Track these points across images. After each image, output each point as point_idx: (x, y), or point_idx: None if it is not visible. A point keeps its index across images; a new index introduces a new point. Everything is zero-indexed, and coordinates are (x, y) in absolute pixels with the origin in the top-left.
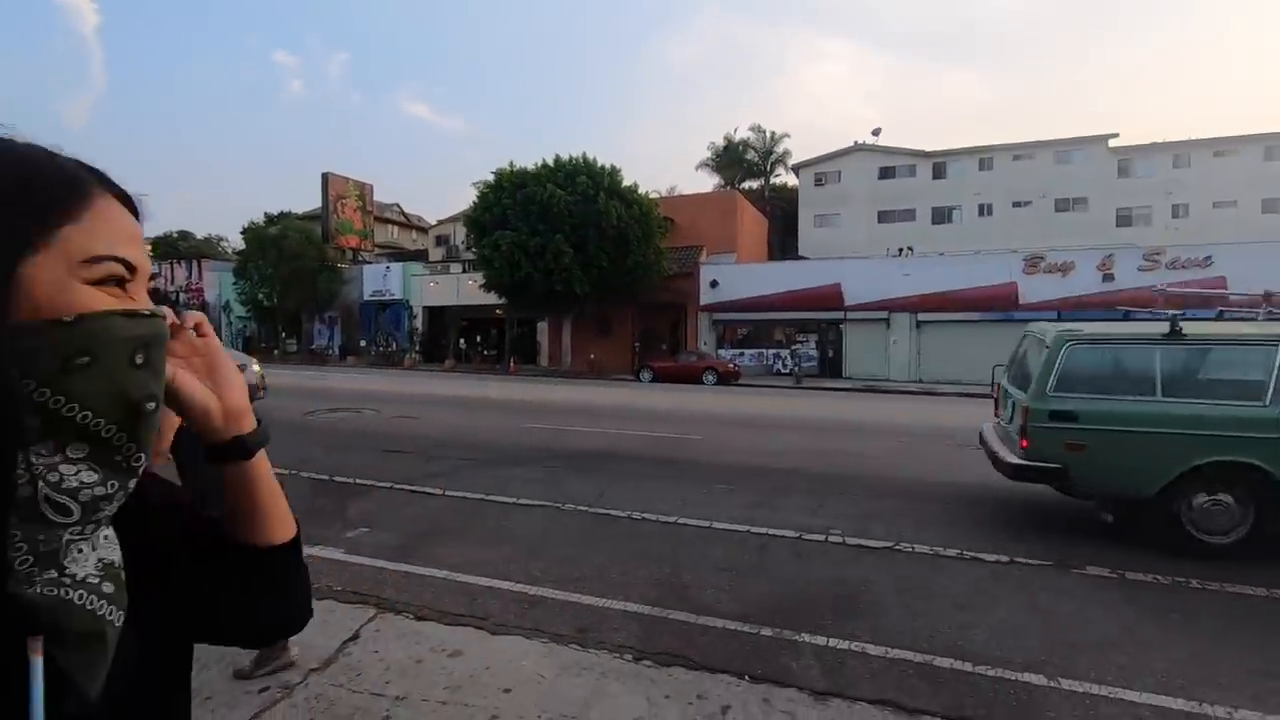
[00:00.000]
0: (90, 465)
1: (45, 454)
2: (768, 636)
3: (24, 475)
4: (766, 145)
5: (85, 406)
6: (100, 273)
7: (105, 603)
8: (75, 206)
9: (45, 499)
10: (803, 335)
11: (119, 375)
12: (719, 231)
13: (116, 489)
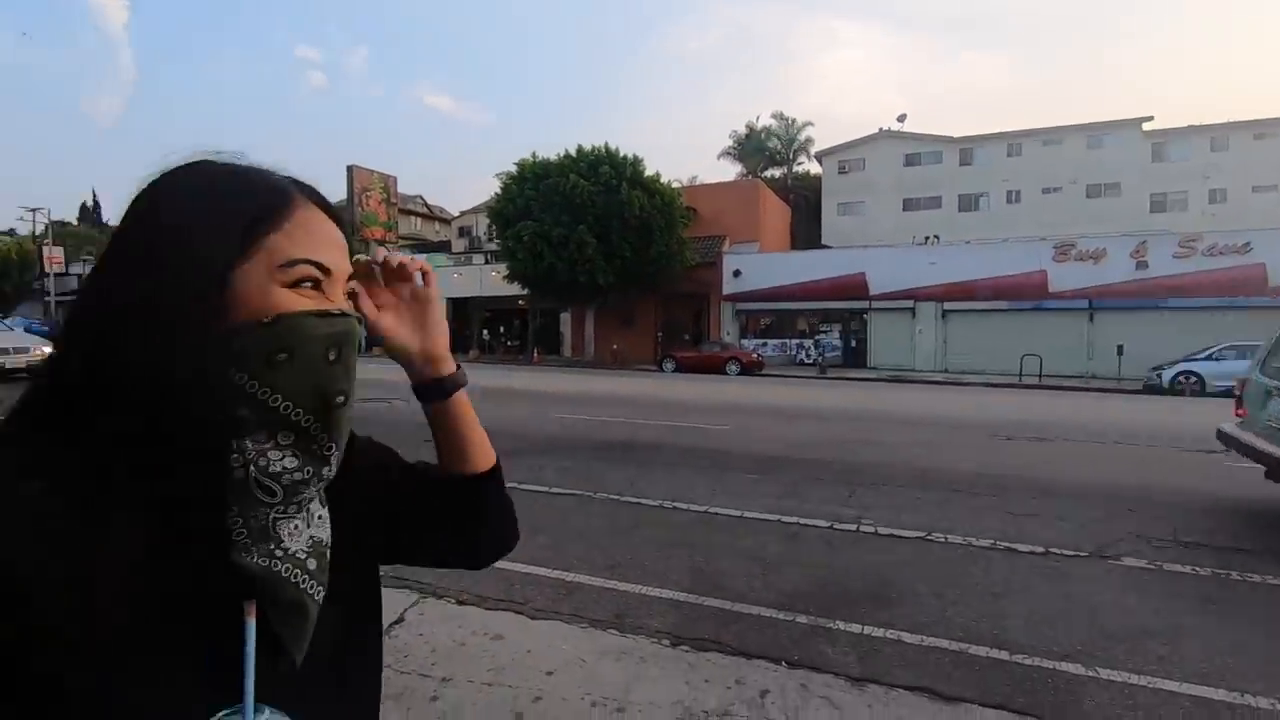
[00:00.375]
0: (292, 452)
1: (257, 441)
2: (803, 624)
3: (239, 460)
4: (789, 133)
5: (287, 398)
6: (295, 275)
7: (308, 578)
8: (278, 217)
9: (255, 481)
10: (826, 325)
11: (314, 370)
12: (742, 221)
13: (311, 475)
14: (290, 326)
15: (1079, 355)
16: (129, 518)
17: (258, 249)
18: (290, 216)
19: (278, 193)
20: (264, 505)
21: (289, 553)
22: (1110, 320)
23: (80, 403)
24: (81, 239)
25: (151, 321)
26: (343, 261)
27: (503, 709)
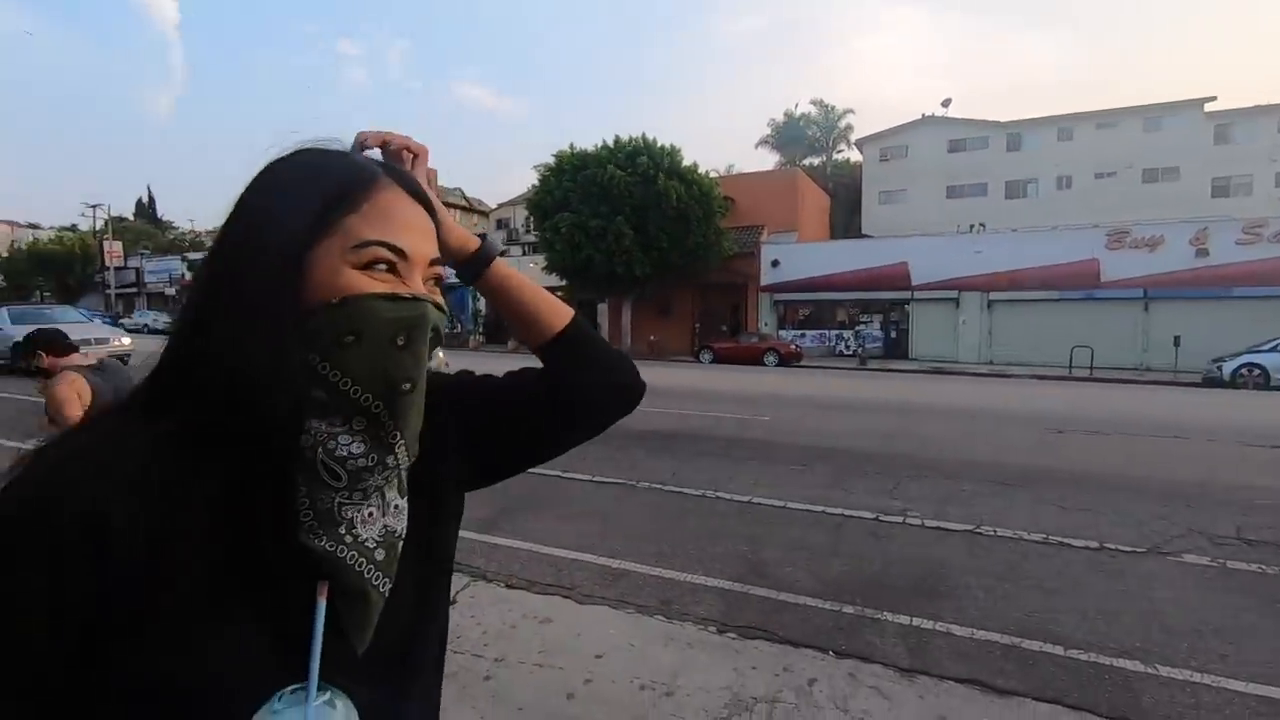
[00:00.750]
0: (362, 438)
1: (331, 424)
2: (849, 614)
3: (309, 440)
4: (829, 120)
5: (356, 382)
6: (367, 257)
7: (374, 568)
8: (356, 199)
9: (322, 463)
10: (866, 316)
11: (381, 355)
12: (780, 210)
13: (376, 462)
14: (358, 308)
15: (1132, 347)
16: (207, 489)
17: (334, 230)
18: (369, 199)
19: (358, 175)
20: (329, 489)
21: (359, 540)
22: (1167, 310)
23: (174, 380)
24: (138, 233)
25: (232, 301)
26: (424, 246)
27: (554, 689)
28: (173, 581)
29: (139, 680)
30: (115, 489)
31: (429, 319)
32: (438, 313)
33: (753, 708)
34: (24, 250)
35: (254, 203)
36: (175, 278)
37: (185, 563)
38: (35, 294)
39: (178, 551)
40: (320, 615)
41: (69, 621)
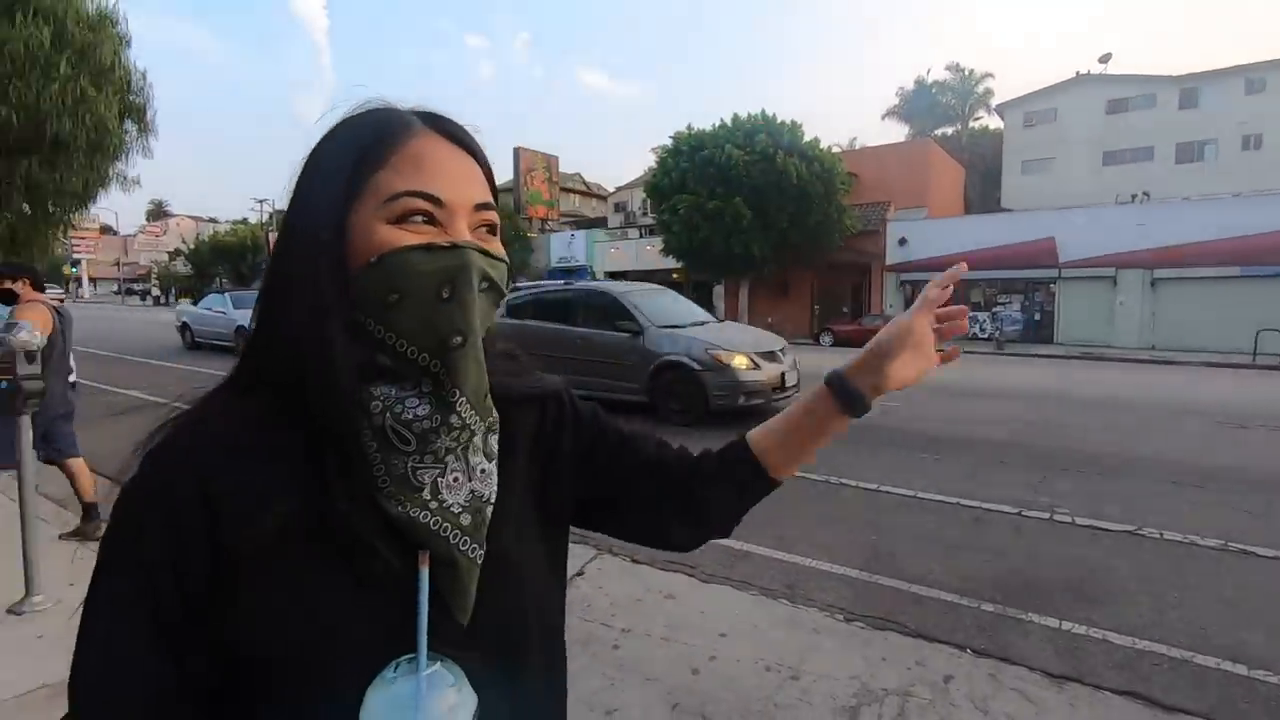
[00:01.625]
0: (426, 400)
1: (401, 388)
2: (989, 612)
3: (379, 405)
4: (965, 86)
5: (410, 341)
6: (399, 209)
7: (460, 533)
8: (387, 153)
9: (391, 429)
10: (1005, 296)
11: (427, 310)
12: (908, 184)
13: (440, 423)
14: (394, 265)
15: None
16: (293, 458)
17: (367, 189)
18: (401, 149)
19: (388, 128)
20: (401, 453)
21: (444, 505)
22: None
23: (255, 355)
24: None
25: (281, 273)
26: (465, 191)
27: (679, 663)
28: (270, 544)
29: (248, 644)
30: (219, 458)
31: (472, 267)
32: (487, 259)
33: (883, 699)
34: (206, 242)
35: (301, 178)
36: None
37: (281, 528)
38: (215, 280)
39: (272, 516)
40: (424, 585)
41: (190, 573)
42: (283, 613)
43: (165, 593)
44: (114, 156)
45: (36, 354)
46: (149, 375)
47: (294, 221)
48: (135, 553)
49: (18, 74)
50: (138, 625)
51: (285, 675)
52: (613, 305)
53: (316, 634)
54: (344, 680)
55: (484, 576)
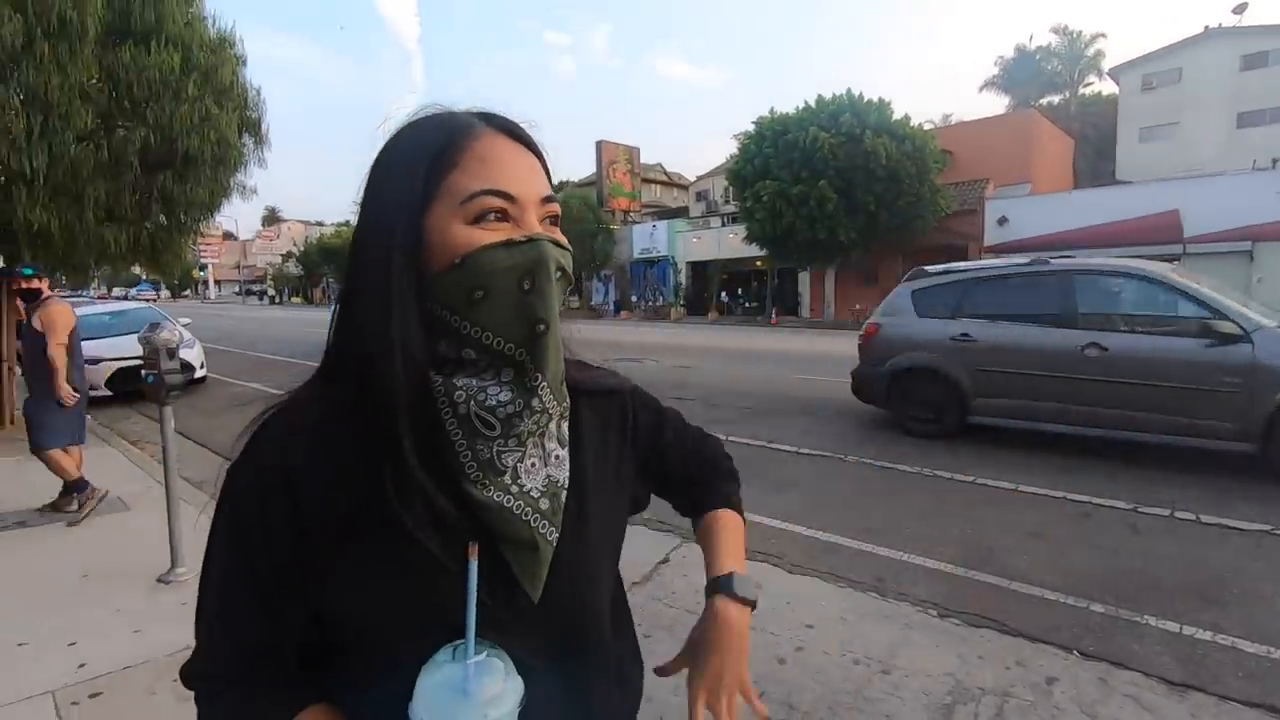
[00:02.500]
0: (509, 386)
1: (482, 378)
2: (1099, 613)
3: (462, 395)
4: (1074, 50)
5: (497, 334)
6: (475, 209)
7: (539, 517)
8: (455, 154)
9: (475, 415)
10: None
11: (511, 303)
12: (1009, 160)
13: (523, 407)
14: (477, 264)
15: None
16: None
17: (441, 191)
18: (468, 150)
19: (454, 131)
20: (486, 438)
21: (524, 490)
22: None
23: (336, 347)
24: None
25: (357, 272)
26: (532, 186)
27: (765, 653)
28: (343, 524)
29: (325, 613)
30: (301, 445)
31: (548, 258)
32: (558, 250)
33: (980, 699)
34: (314, 245)
35: (371, 181)
36: None
37: (352, 511)
38: (323, 280)
39: (347, 499)
40: (472, 575)
41: (277, 544)
42: (351, 588)
43: (257, 560)
44: (235, 168)
45: (177, 350)
46: (275, 371)
47: (369, 223)
48: (233, 525)
49: (154, 98)
50: (237, 586)
51: (353, 646)
52: (1166, 294)
53: (380, 611)
54: (404, 656)
55: (553, 561)
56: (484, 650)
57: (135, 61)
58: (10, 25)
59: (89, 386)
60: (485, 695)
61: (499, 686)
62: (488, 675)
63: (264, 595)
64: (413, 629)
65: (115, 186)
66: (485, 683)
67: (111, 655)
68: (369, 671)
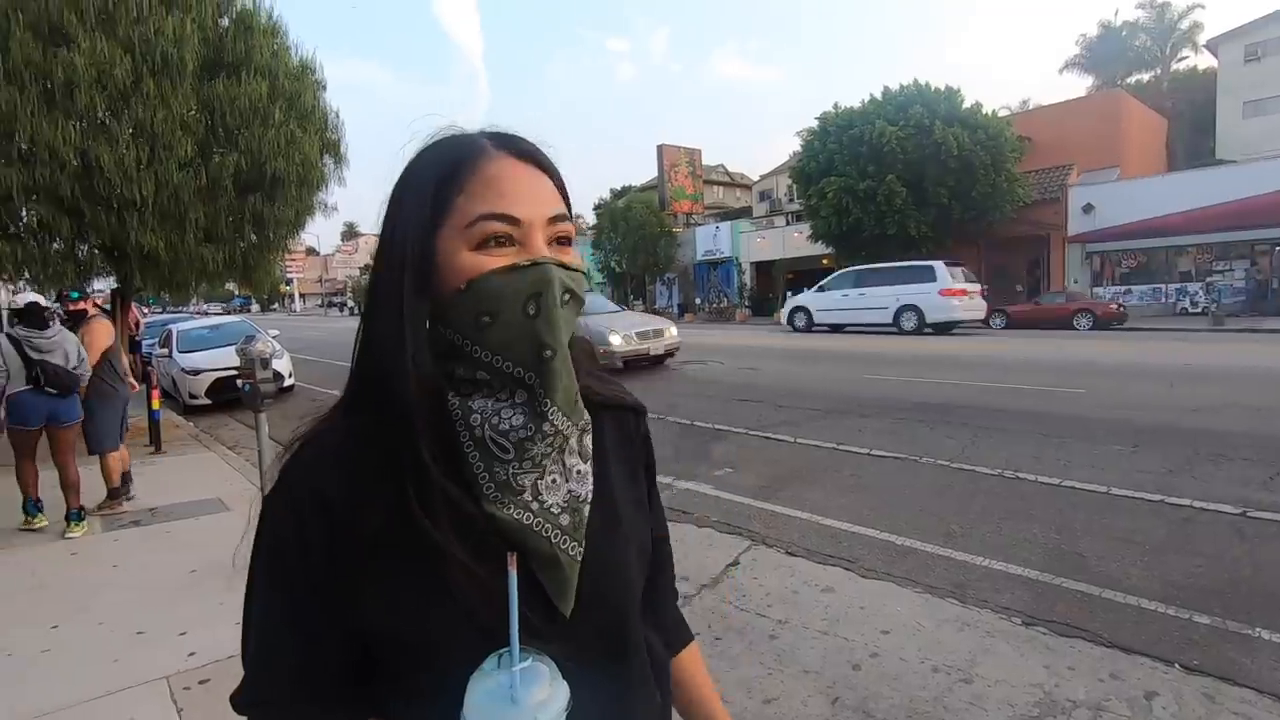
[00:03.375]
0: (520, 410)
1: (498, 400)
2: (1203, 624)
3: (478, 418)
4: (1164, 24)
5: (506, 358)
6: (479, 234)
7: (560, 533)
8: (462, 179)
9: (490, 439)
10: (1223, 263)
11: (516, 327)
12: (1095, 144)
13: (534, 431)
14: (481, 290)
15: None
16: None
17: (448, 215)
18: (475, 173)
19: (462, 154)
20: (501, 461)
21: (544, 506)
22: None
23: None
24: None
25: (372, 296)
26: (539, 208)
27: (838, 657)
28: (373, 545)
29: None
30: (330, 470)
31: (553, 281)
32: (566, 272)
33: (1071, 712)
34: None
35: (389, 204)
36: None
37: (385, 530)
38: None
39: (377, 520)
40: (513, 584)
41: (313, 565)
42: (387, 606)
43: (296, 585)
44: (317, 188)
45: (270, 361)
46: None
47: (384, 246)
48: (271, 553)
49: (244, 125)
50: (278, 612)
51: (397, 662)
52: None
53: (418, 627)
54: (448, 669)
55: (583, 573)
56: (529, 657)
57: (228, 92)
58: (121, 66)
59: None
60: (533, 700)
61: (546, 692)
62: (534, 682)
63: (305, 619)
64: (452, 642)
65: (212, 209)
66: (533, 689)
67: (217, 645)
68: (416, 685)
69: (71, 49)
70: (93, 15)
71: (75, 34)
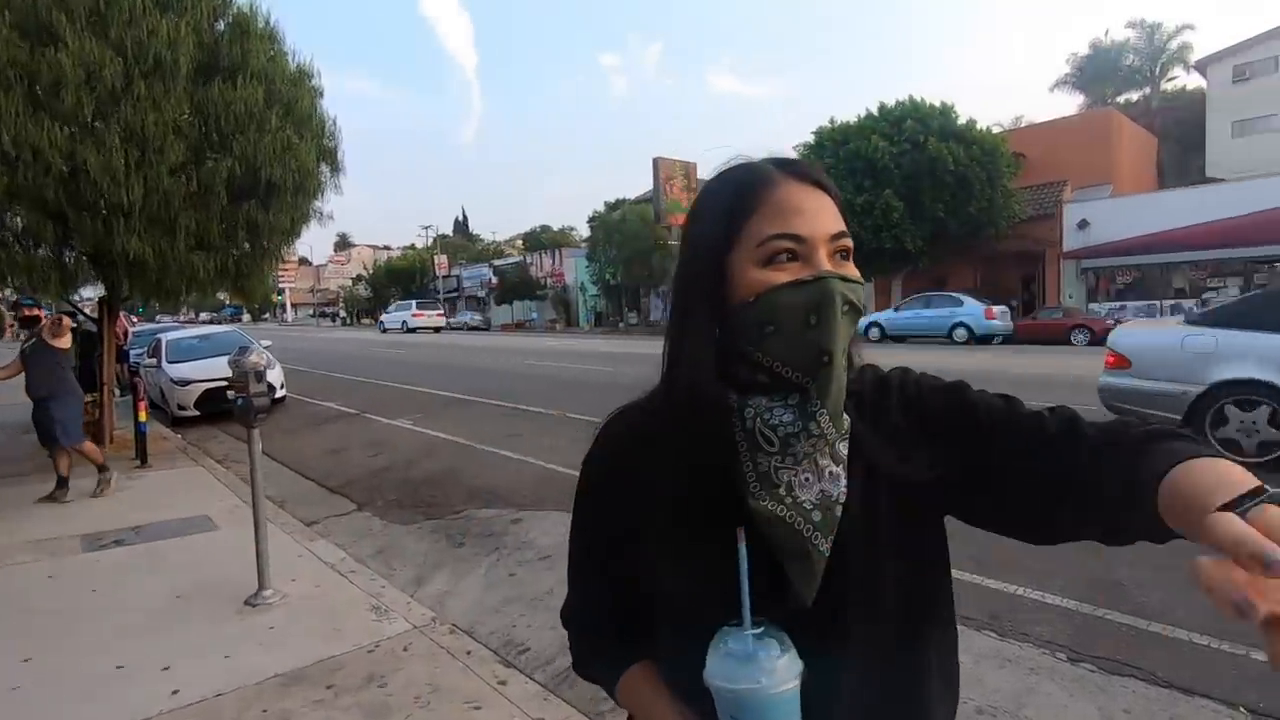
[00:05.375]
0: (792, 410)
1: (769, 399)
2: (1260, 662)
3: (751, 412)
4: (1154, 44)
5: (785, 363)
6: (768, 251)
7: (811, 527)
8: (753, 203)
9: (759, 432)
10: (1218, 280)
11: (797, 337)
12: (1088, 160)
13: (801, 429)
14: (768, 303)
15: None
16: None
17: (741, 236)
18: (763, 197)
19: (752, 180)
20: (765, 453)
21: (797, 501)
22: None
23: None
24: (456, 247)
25: (677, 306)
26: (821, 226)
27: None
28: (652, 515)
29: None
30: (627, 445)
31: (833, 294)
32: (845, 284)
33: None
34: (383, 267)
35: (689, 225)
36: (485, 283)
37: (663, 501)
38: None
39: (658, 493)
40: (743, 558)
41: (610, 524)
42: (658, 568)
43: (597, 535)
44: (314, 195)
45: (264, 373)
46: (347, 389)
47: (683, 264)
48: (581, 505)
49: (239, 130)
50: (582, 554)
51: (664, 616)
52: None
53: (679, 588)
54: (699, 628)
55: (831, 567)
56: (762, 627)
57: (223, 96)
58: (111, 67)
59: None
60: (768, 663)
61: (783, 661)
62: (769, 648)
63: (602, 563)
64: (703, 606)
65: (204, 216)
66: (768, 654)
67: (205, 680)
68: (677, 639)
69: (59, 49)
70: (83, 16)
71: (64, 34)
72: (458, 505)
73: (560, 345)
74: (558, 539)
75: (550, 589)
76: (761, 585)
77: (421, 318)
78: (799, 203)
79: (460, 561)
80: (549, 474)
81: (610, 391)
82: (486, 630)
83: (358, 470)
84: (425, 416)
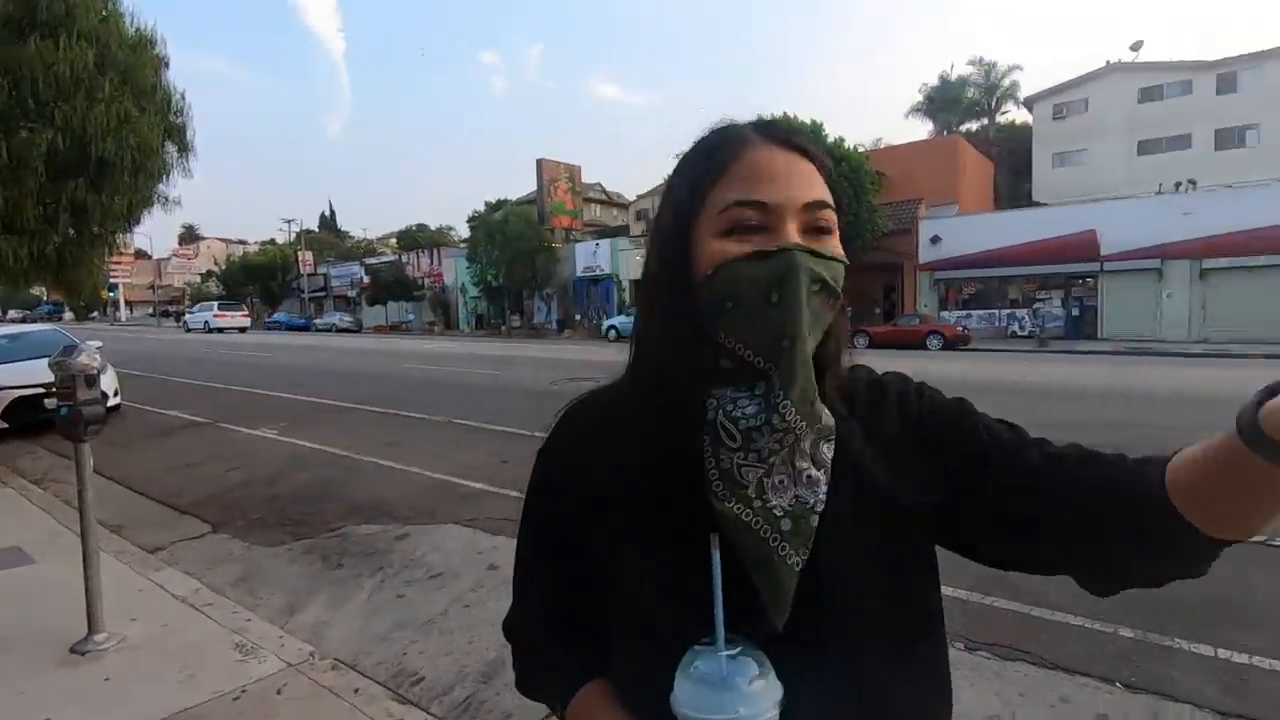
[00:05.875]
0: (757, 400)
1: (734, 389)
2: (1128, 638)
3: (713, 403)
4: (990, 80)
5: (747, 345)
6: (727, 221)
7: (779, 536)
8: (720, 168)
9: (721, 425)
10: (1044, 292)
11: (757, 315)
12: (938, 182)
13: (764, 422)
14: (725, 276)
15: None
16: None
17: (704, 204)
18: (732, 161)
19: (721, 143)
20: (728, 449)
21: (767, 506)
22: None
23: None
24: (323, 244)
25: (642, 282)
26: (790, 193)
27: None
28: (614, 512)
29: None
30: (582, 440)
31: (797, 268)
32: (817, 260)
33: None
34: (237, 263)
35: (661, 199)
36: (356, 281)
37: (626, 500)
38: (247, 300)
39: (621, 490)
40: (716, 566)
41: (560, 517)
42: (618, 573)
43: (550, 535)
44: (157, 177)
45: (98, 378)
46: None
47: (652, 236)
48: (532, 504)
49: (63, 97)
50: (534, 557)
51: (623, 627)
52: None
53: (642, 598)
54: (663, 642)
55: (808, 583)
56: (739, 646)
57: (42, 57)
58: None
59: None
60: (743, 688)
61: (759, 685)
62: (744, 671)
63: (554, 566)
64: (669, 619)
65: (15, 194)
66: (743, 678)
67: None
68: (638, 655)
69: None
70: None
71: None
72: (333, 522)
73: (439, 348)
74: (450, 554)
75: (444, 609)
76: (737, 599)
77: (224, 318)
78: (770, 167)
79: (339, 585)
80: (436, 483)
81: (496, 394)
82: (374, 661)
83: (213, 486)
84: (291, 425)
